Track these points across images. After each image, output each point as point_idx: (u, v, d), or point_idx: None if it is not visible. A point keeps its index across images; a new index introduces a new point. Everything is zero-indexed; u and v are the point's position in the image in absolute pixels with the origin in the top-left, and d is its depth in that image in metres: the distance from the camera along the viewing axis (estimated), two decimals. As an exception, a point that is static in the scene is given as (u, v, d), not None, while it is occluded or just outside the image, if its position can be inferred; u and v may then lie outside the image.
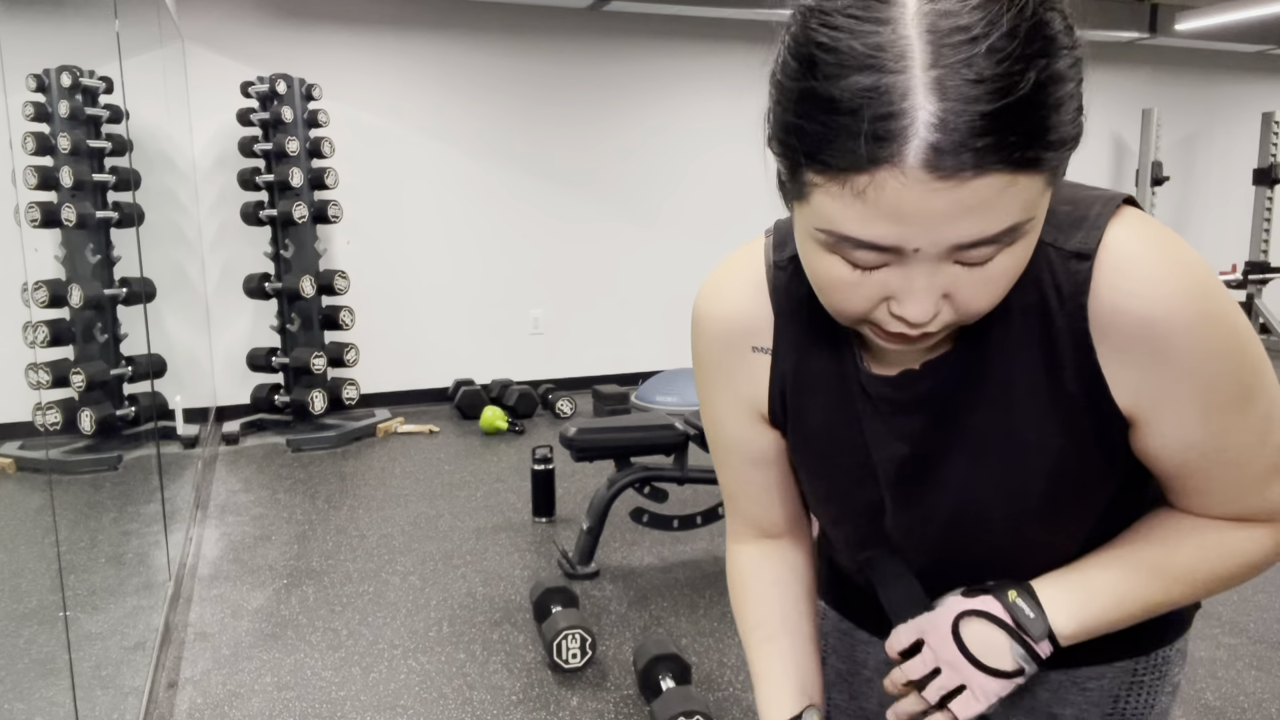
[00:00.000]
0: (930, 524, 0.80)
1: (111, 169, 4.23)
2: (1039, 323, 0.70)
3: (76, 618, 2.85)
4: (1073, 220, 0.69)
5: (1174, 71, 7.57)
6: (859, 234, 0.58)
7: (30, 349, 4.19)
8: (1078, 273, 0.68)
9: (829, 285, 0.64)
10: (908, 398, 0.76)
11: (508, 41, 5.79)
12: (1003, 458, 0.74)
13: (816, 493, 0.87)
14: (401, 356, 5.81)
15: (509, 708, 2.44)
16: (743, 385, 0.85)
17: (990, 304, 0.63)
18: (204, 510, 3.97)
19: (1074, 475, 0.74)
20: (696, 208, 6.36)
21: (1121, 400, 0.70)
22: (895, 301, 0.62)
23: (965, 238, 0.57)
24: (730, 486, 0.93)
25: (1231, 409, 0.69)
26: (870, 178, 0.55)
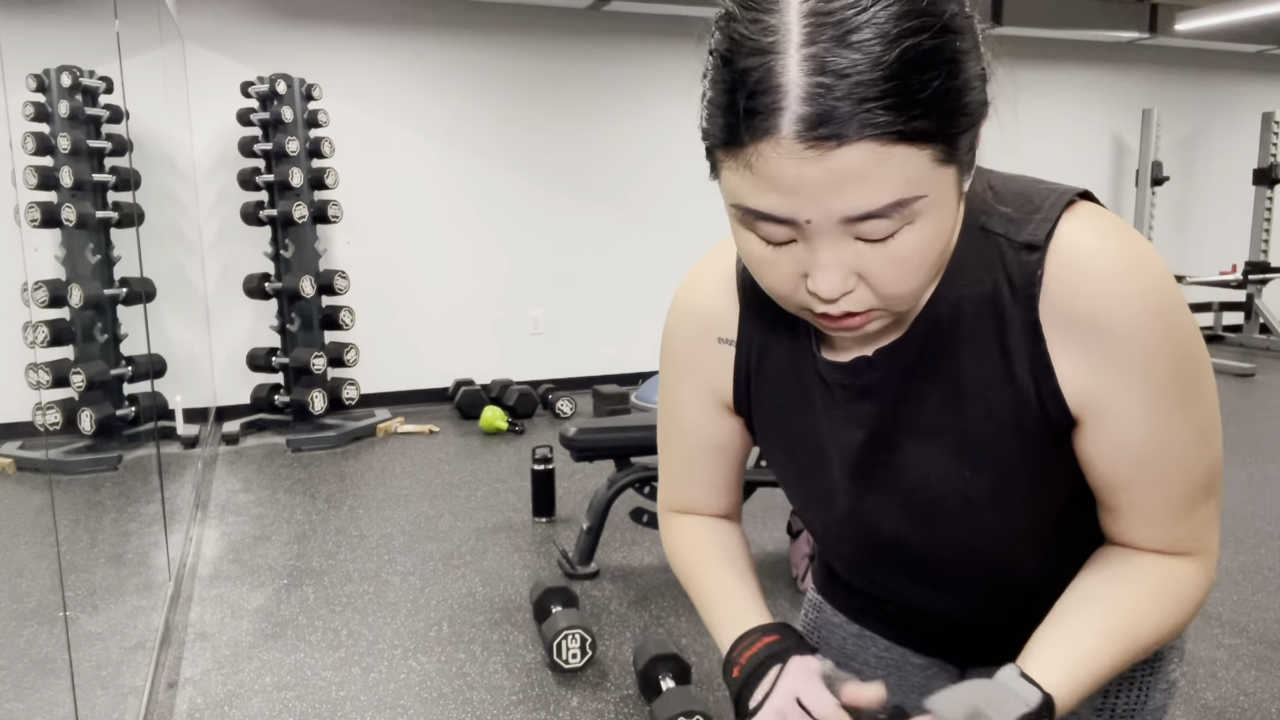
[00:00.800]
0: (886, 510, 0.81)
1: (111, 169, 4.23)
2: (991, 313, 0.71)
3: (76, 618, 2.85)
4: (1025, 213, 0.71)
5: (1174, 71, 7.57)
6: (756, 205, 0.62)
7: (30, 349, 4.19)
8: (1028, 263, 0.69)
9: (752, 262, 0.67)
10: (861, 384, 0.77)
11: (508, 41, 5.79)
12: (954, 445, 0.75)
13: (785, 479, 0.89)
14: (401, 356, 5.81)
15: (509, 708, 2.44)
16: (707, 375, 0.87)
17: (908, 284, 0.64)
18: (204, 510, 3.97)
19: (1026, 465, 0.74)
20: (696, 207, 6.36)
21: (1069, 395, 0.70)
22: (810, 280, 0.64)
23: (849, 210, 0.59)
24: (676, 472, 0.95)
25: (1171, 411, 0.69)
26: (755, 149, 0.59)
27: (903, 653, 0.96)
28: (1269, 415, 5.51)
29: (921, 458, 0.77)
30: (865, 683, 0.77)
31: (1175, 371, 0.68)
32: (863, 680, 0.97)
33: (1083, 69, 7.25)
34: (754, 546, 3.51)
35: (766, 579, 3.22)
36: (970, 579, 0.84)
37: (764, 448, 0.89)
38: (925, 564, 0.83)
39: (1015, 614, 0.87)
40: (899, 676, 0.96)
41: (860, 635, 0.98)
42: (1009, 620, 0.88)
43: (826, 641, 1.01)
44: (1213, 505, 0.75)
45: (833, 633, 1.01)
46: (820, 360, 0.79)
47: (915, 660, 0.96)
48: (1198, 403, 0.71)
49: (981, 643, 0.91)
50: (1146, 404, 0.69)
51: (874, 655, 0.97)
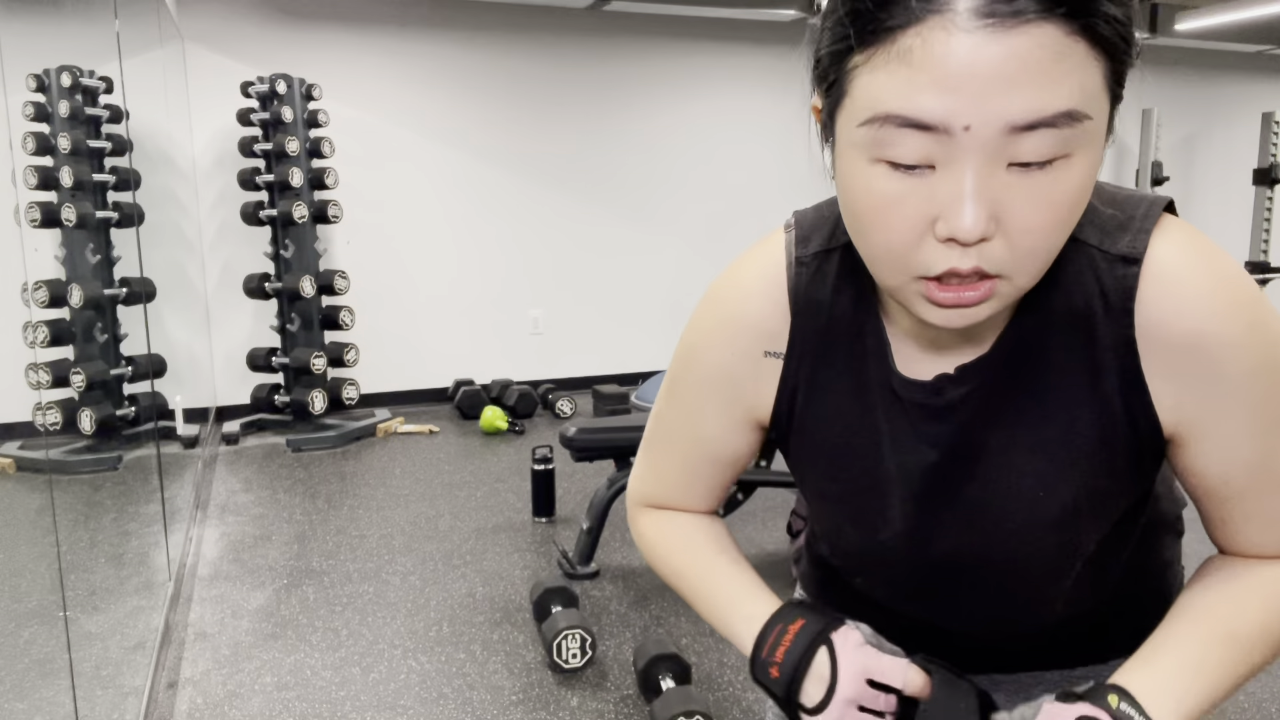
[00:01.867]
0: (945, 531, 0.77)
1: (111, 169, 4.23)
2: (1082, 328, 0.68)
3: (76, 618, 2.85)
4: (1118, 223, 0.67)
5: (1174, 71, 7.58)
6: (906, 108, 0.54)
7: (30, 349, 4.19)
8: (1125, 277, 0.66)
9: (870, 210, 0.59)
10: (941, 403, 0.73)
11: (508, 41, 5.79)
12: (1032, 465, 0.72)
13: (825, 497, 0.84)
14: (401, 356, 5.81)
15: (509, 708, 2.44)
16: (744, 390, 0.81)
17: (1047, 241, 0.58)
18: (204, 510, 3.97)
19: (1101, 488, 0.72)
20: (697, 208, 6.36)
21: (1165, 416, 0.68)
22: (942, 221, 0.57)
23: (1020, 112, 0.53)
24: (669, 477, 0.90)
25: (1276, 429, 0.68)
26: (917, 33, 0.53)
27: None
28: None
29: (996, 479, 0.73)
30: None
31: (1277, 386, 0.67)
32: None
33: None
34: (754, 546, 3.51)
35: (766, 579, 3.20)
36: (1009, 602, 0.81)
37: (799, 463, 0.83)
38: (968, 585, 0.80)
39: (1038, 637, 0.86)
40: None
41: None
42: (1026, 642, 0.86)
43: None
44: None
45: None
46: (897, 376, 0.74)
47: None
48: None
49: (983, 655, 0.89)
50: (1252, 421, 0.67)
51: None
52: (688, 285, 6.40)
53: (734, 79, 6.28)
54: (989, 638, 0.87)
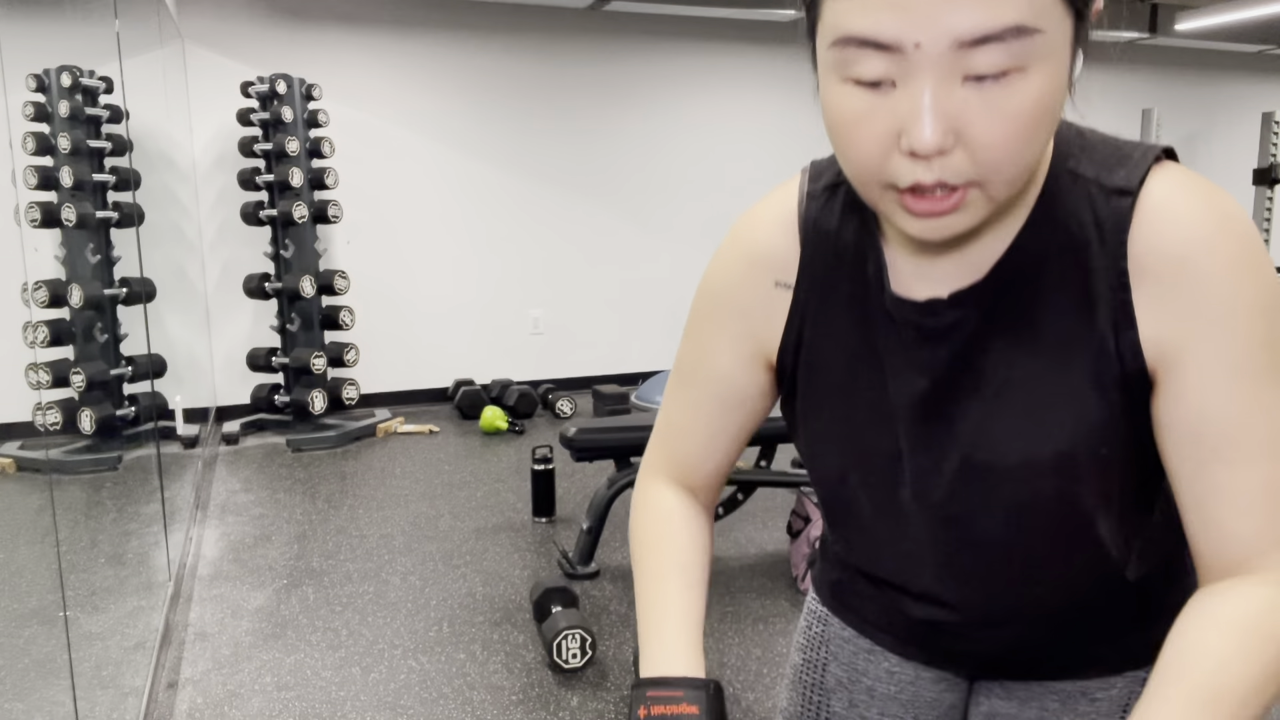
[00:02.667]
0: (941, 471, 0.76)
1: (111, 169, 4.23)
2: (1077, 260, 0.68)
3: (76, 618, 2.85)
4: (1116, 159, 0.69)
5: (1174, 71, 7.58)
6: (861, 28, 0.58)
7: (30, 349, 4.19)
8: (1119, 208, 0.67)
9: (842, 123, 0.62)
10: (933, 326, 0.73)
11: (507, 41, 5.79)
12: (1024, 399, 0.72)
13: (828, 438, 0.82)
14: (401, 356, 5.81)
15: (509, 708, 2.44)
16: (754, 321, 0.82)
17: (1011, 151, 0.60)
18: (204, 510, 3.97)
19: (1096, 429, 0.70)
20: (697, 208, 6.37)
21: (1148, 350, 0.67)
22: (904, 135, 0.59)
23: (966, 28, 0.55)
24: (679, 423, 0.89)
25: (1258, 379, 0.65)
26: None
27: (914, 667, 0.93)
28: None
29: (987, 412, 0.73)
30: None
31: (1265, 335, 0.64)
32: (873, 698, 0.95)
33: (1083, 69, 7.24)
34: (754, 546, 3.51)
35: (766, 579, 3.22)
36: (1021, 573, 0.79)
37: (809, 405, 0.82)
38: (972, 544, 0.78)
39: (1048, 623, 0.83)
40: (911, 691, 0.94)
41: (871, 650, 0.95)
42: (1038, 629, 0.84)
43: (835, 656, 0.98)
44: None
45: (841, 648, 0.97)
46: (890, 295, 0.75)
47: (926, 674, 0.93)
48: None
49: (998, 654, 0.87)
50: (1231, 363, 0.64)
51: (885, 671, 0.94)
52: (687, 285, 6.40)
53: (734, 79, 6.28)
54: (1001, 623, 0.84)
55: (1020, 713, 0.89)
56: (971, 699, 0.94)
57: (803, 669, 1.00)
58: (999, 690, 0.90)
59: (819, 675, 0.99)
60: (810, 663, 1.00)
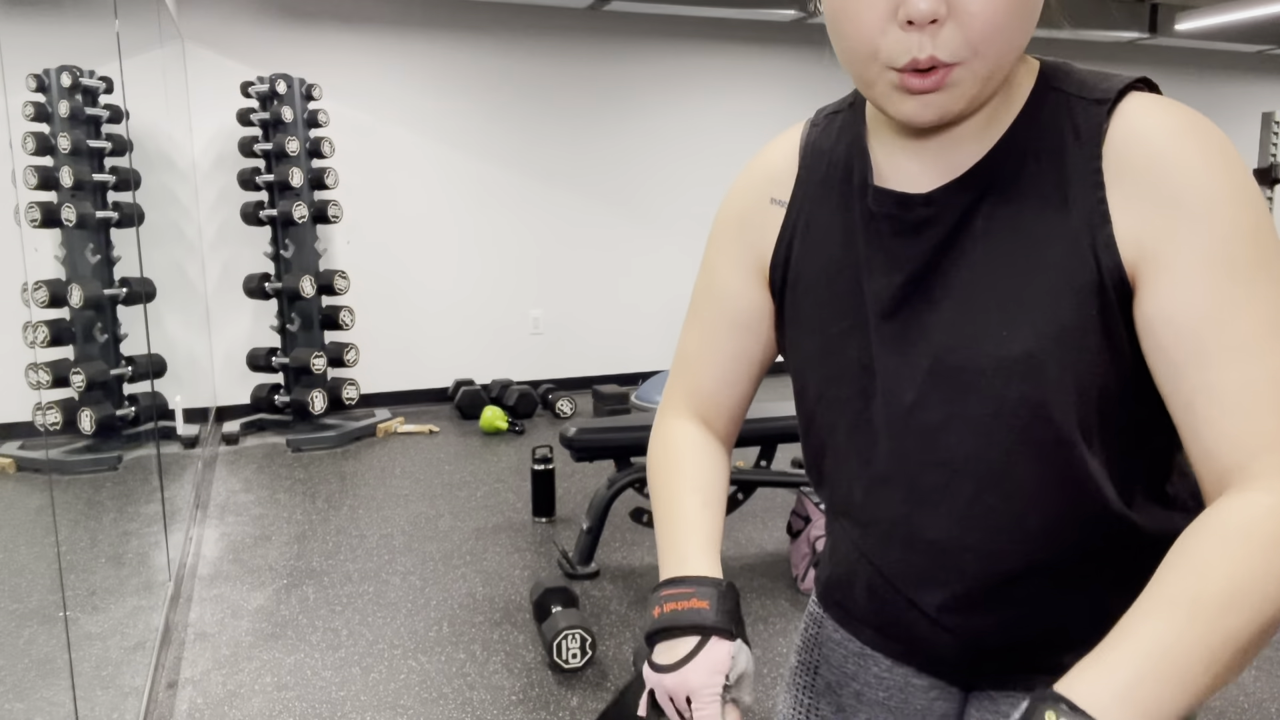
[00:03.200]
0: (912, 375, 0.76)
1: (111, 169, 4.23)
2: (1054, 165, 0.71)
3: (76, 618, 2.85)
4: (1097, 79, 0.72)
5: (1174, 71, 7.58)
6: None
7: (30, 349, 4.19)
8: (1096, 114, 0.70)
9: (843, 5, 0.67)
10: (911, 219, 0.76)
11: (508, 41, 5.79)
12: (996, 298, 0.72)
13: (807, 357, 0.84)
14: (401, 356, 5.81)
15: (509, 708, 2.44)
16: (753, 236, 0.87)
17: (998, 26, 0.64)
18: (204, 510, 3.97)
19: (1069, 333, 0.70)
20: (696, 208, 6.37)
21: (1125, 251, 0.68)
22: (902, 6, 0.64)
23: None
24: (696, 349, 0.93)
25: (1238, 278, 0.64)
26: None
27: (905, 673, 0.91)
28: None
29: (959, 313, 0.74)
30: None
31: (1243, 226, 0.64)
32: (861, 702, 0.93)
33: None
34: (754, 546, 3.51)
35: (766, 579, 3.22)
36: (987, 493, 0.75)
37: (792, 320, 0.86)
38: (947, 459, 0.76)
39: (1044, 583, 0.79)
40: (900, 699, 0.92)
41: (861, 654, 0.93)
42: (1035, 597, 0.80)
43: (826, 659, 0.96)
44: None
45: (833, 650, 0.96)
46: (872, 190, 0.78)
47: (917, 682, 0.91)
48: (1267, 278, 0.64)
49: (992, 658, 0.85)
50: (1210, 254, 0.64)
51: (875, 676, 0.92)
52: (687, 285, 6.40)
53: (734, 79, 6.28)
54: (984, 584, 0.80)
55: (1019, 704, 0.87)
56: (964, 711, 0.92)
57: (797, 671, 1.00)
58: (989, 704, 0.88)
59: (810, 678, 0.98)
60: (804, 664, 0.99)
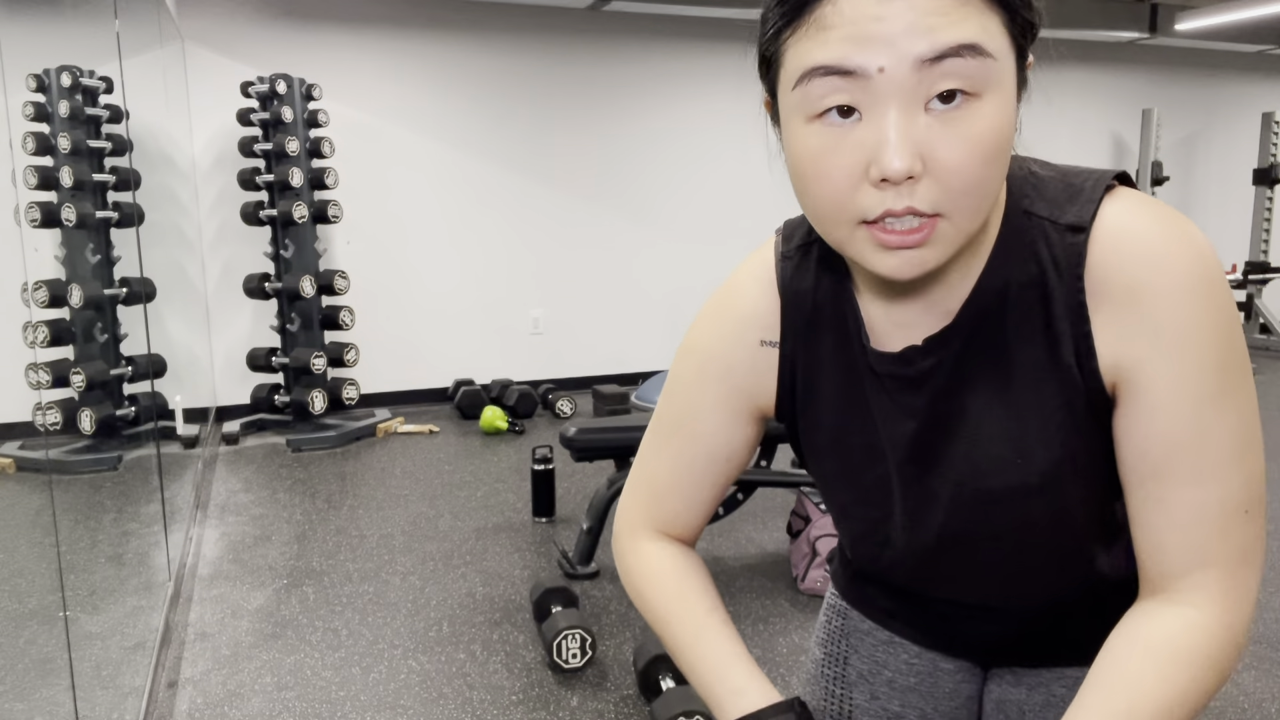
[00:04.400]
0: (937, 502, 0.80)
1: (111, 169, 4.23)
2: (1038, 297, 0.71)
3: (76, 618, 2.85)
4: (1068, 194, 0.71)
5: (1174, 71, 7.58)
6: (825, 58, 0.61)
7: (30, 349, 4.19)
8: (1074, 245, 0.69)
9: (810, 163, 0.65)
10: (913, 373, 0.76)
11: (508, 41, 5.79)
12: (1005, 431, 0.74)
13: (827, 478, 0.87)
14: (401, 356, 5.81)
15: (509, 708, 2.44)
16: (742, 379, 0.85)
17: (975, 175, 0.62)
18: (204, 510, 3.97)
19: (1077, 452, 0.73)
20: (696, 208, 6.37)
21: (1106, 375, 0.70)
22: (874, 164, 0.62)
23: (926, 48, 0.59)
24: (664, 479, 0.91)
25: (1208, 403, 0.67)
26: (831, 1, 0.61)
27: (933, 658, 0.96)
28: (1269, 415, 5.51)
29: (973, 446, 0.76)
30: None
31: (1215, 359, 0.66)
32: (893, 689, 0.97)
33: (1083, 69, 7.25)
34: (754, 546, 3.51)
35: (766, 579, 3.22)
36: (1017, 576, 0.82)
37: (809, 448, 0.86)
38: (973, 559, 0.82)
39: (1060, 612, 0.86)
40: (930, 682, 0.96)
41: (890, 642, 0.97)
42: (1052, 620, 0.87)
43: (855, 649, 1.00)
44: (1250, 532, 0.69)
45: (862, 640, 1.00)
46: (870, 352, 0.78)
47: (945, 665, 0.96)
48: (1237, 402, 0.67)
49: (1014, 644, 0.91)
50: (1181, 384, 0.67)
51: (904, 662, 0.97)
52: (688, 285, 6.40)
53: (734, 79, 6.28)
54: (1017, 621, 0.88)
55: (1029, 698, 0.91)
56: (985, 687, 0.97)
57: (824, 663, 1.03)
58: (1009, 678, 0.93)
59: (840, 669, 1.01)
60: (831, 657, 1.02)
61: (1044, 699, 0.90)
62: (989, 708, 0.95)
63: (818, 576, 3.06)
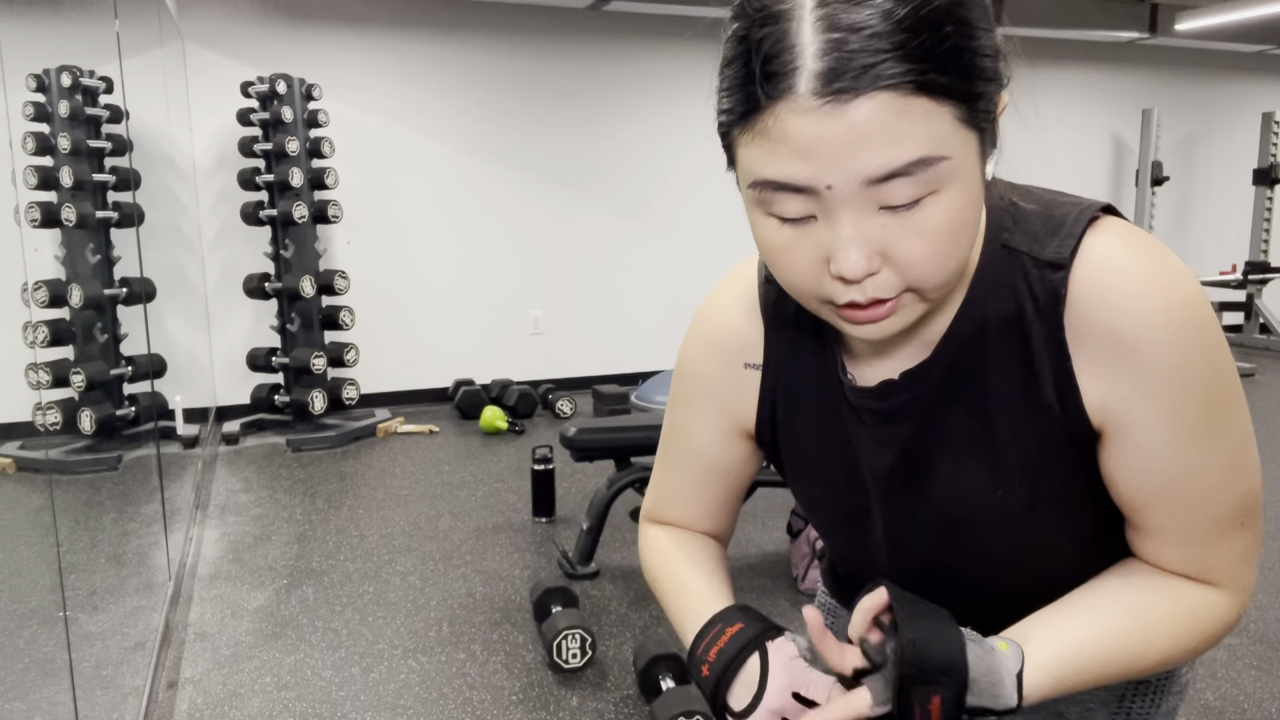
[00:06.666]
0: (918, 530, 0.80)
1: (111, 169, 4.23)
2: (1016, 333, 0.70)
3: (76, 618, 2.85)
4: (1048, 228, 0.70)
5: (1174, 71, 7.57)
6: (774, 174, 0.60)
7: (30, 349, 4.19)
8: (1052, 282, 0.68)
9: (771, 252, 0.65)
10: (889, 408, 0.76)
11: (508, 41, 5.79)
12: (984, 464, 0.74)
13: (811, 501, 0.87)
14: (401, 356, 5.81)
15: (509, 708, 2.44)
16: (727, 400, 0.86)
17: (935, 262, 0.61)
18: (204, 510, 3.97)
19: (1056, 484, 0.73)
20: (696, 208, 6.37)
21: (1091, 411, 0.69)
22: (832, 262, 0.62)
23: (871, 168, 0.57)
24: (671, 491, 0.94)
25: (1199, 438, 0.68)
26: (771, 114, 0.58)
27: None
28: (1269, 415, 5.51)
29: (952, 478, 0.76)
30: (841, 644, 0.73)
31: (1204, 396, 0.67)
32: None
33: (1083, 69, 7.25)
34: (754, 546, 3.51)
35: (766, 579, 3.22)
36: (1002, 597, 0.83)
37: (792, 471, 0.87)
38: (957, 585, 0.82)
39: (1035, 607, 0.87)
40: None
41: None
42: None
43: None
44: (1247, 538, 0.72)
45: None
46: (847, 385, 0.78)
47: None
48: (1228, 430, 0.68)
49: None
50: (1171, 426, 0.67)
51: None
52: (687, 285, 6.40)
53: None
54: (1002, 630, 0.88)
55: None
56: None
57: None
58: None
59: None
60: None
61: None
62: None
63: (818, 576, 3.06)
